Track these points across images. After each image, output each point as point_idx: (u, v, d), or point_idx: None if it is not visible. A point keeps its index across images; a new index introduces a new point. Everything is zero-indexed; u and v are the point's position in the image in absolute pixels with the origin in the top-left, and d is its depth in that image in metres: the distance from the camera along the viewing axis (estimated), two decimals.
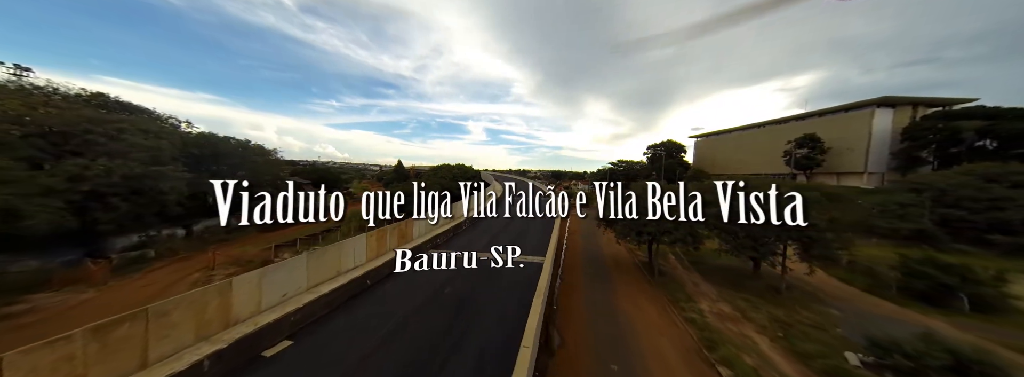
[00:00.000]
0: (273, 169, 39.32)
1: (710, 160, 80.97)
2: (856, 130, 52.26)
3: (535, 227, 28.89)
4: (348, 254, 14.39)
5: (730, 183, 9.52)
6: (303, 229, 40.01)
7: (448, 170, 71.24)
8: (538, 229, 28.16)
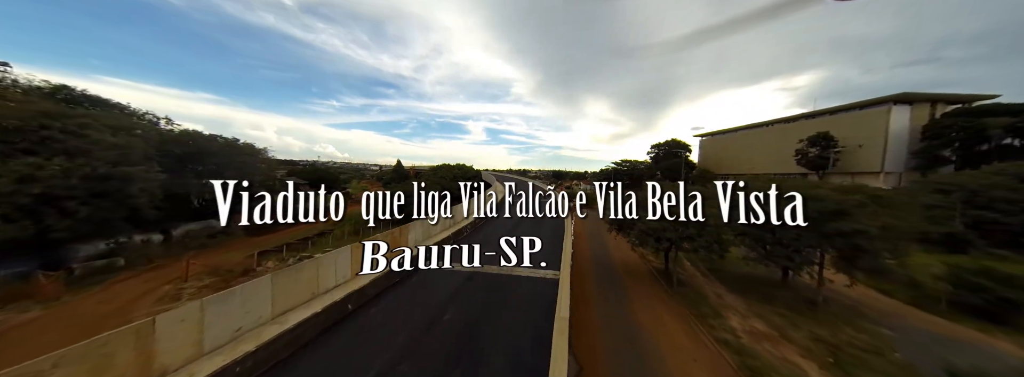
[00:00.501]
0: (264, 169, 37.09)
1: (716, 160, 78.77)
2: (872, 128, 50.05)
3: (544, 231, 26.67)
4: (328, 271, 12.17)
5: (755, 185, 7.61)
6: (293, 232, 37.80)
7: (448, 170, 69.06)
8: (548, 233, 25.96)
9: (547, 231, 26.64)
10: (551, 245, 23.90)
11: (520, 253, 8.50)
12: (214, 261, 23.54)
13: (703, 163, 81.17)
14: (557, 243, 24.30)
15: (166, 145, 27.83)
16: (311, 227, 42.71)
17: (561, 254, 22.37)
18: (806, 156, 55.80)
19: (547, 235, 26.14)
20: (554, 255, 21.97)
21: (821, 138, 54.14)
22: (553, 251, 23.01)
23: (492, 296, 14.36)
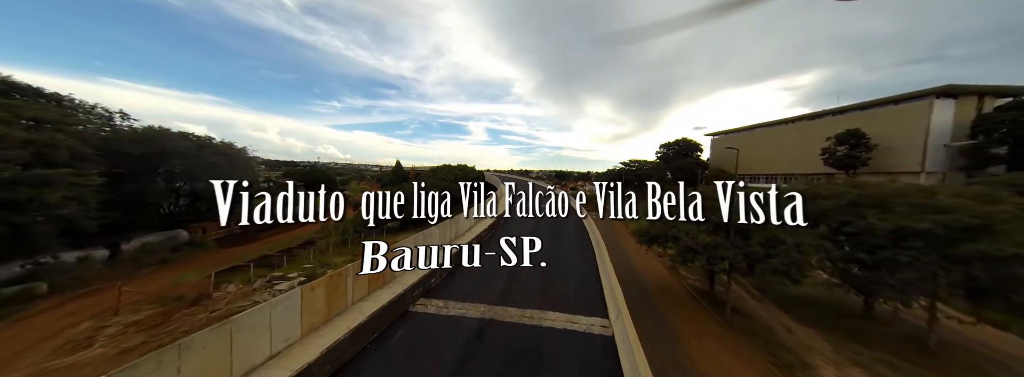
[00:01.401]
0: (243, 171, 32.78)
1: (731, 159, 74.17)
2: (910, 124, 45.49)
3: (568, 250, 22.02)
4: (259, 337, 7.78)
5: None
6: (274, 242, 33.43)
7: (449, 171, 64.70)
8: (573, 253, 21.40)
9: (572, 248, 22.06)
10: (583, 269, 19.31)
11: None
12: (162, 284, 19.20)
13: (715, 163, 76.59)
14: (587, 264, 19.81)
15: (119, 144, 23.50)
16: (296, 234, 38.34)
17: (601, 284, 18.13)
18: (834, 155, 51.21)
19: (572, 253, 21.21)
20: (590, 288, 17.66)
21: (851, 135, 49.55)
22: (586, 280, 18.62)
23: (512, 366, 9.90)
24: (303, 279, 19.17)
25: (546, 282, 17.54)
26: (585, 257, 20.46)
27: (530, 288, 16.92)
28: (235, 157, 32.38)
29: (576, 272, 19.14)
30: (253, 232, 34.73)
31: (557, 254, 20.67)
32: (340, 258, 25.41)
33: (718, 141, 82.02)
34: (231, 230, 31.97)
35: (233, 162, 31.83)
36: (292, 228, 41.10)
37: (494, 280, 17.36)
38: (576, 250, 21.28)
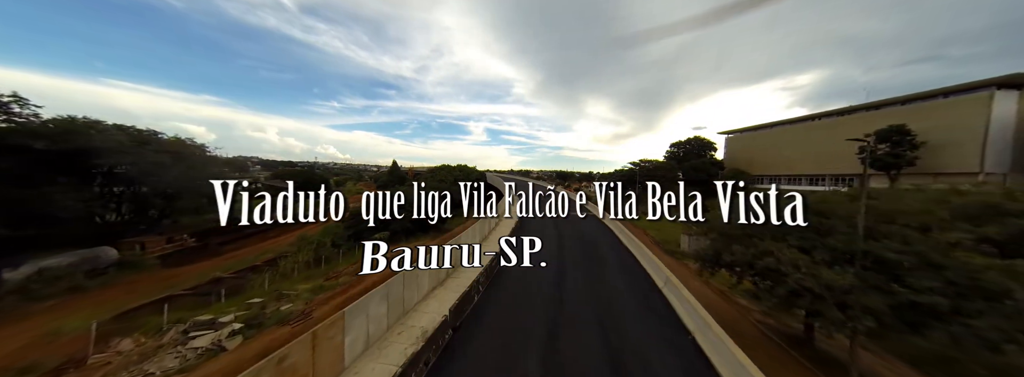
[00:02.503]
0: (199, 171, 26.74)
1: (747, 159, 68.45)
2: (966, 119, 39.75)
3: (613, 282, 15.83)
4: None
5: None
6: (241, 256, 27.40)
7: (448, 171, 58.72)
8: (618, 286, 15.28)
9: (618, 278, 15.74)
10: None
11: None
12: (35, 334, 13.15)
13: (731, 163, 70.79)
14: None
15: (14, 138, 17.49)
16: (271, 245, 32.30)
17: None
18: (873, 154, 45.39)
19: (617, 286, 15.03)
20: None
21: (894, 132, 43.78)
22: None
23: None
24: (236, 329, 13.20)
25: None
26: (640, 294, 14.46)
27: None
28: (189, 156, 26.33)
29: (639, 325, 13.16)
30: (215, 245, 28.72)
31: (599, 290, 14.60)
32: (306, 284, 19.43)
33: (733, 140, 76.24)
34: (183, 243, 26.01)
35: (186, 161, 25.78)
36: (268, 237, 35.08)
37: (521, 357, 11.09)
38: (625, 283, 15.19)
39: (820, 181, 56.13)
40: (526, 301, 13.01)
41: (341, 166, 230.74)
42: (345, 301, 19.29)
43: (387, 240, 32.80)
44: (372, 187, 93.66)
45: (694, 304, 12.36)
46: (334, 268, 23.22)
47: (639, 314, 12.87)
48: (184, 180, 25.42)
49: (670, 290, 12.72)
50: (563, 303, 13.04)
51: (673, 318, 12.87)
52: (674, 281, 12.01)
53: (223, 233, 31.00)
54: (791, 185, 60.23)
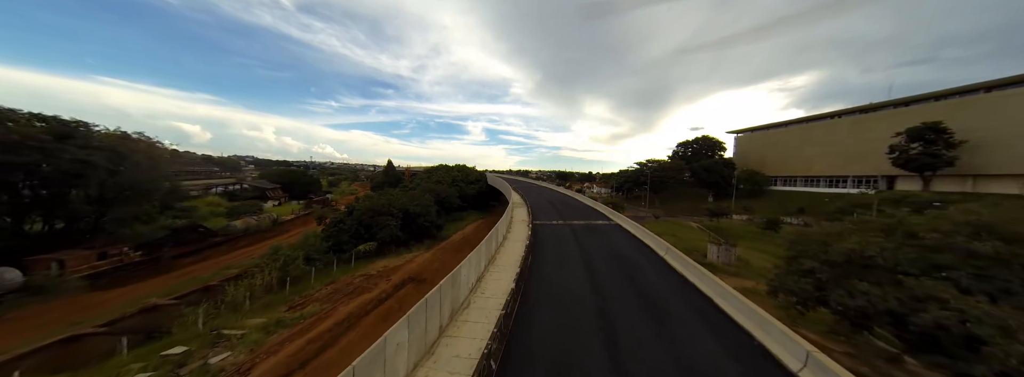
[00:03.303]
0: (145, 172, 21.89)
1: (760, 159, 64.25)
2: (1011, 115, 35.62)
3: (698, 353, 9.57)
4: None
5: None
6: (197, 272, 22.61)
7: (445, 172, 54.01)
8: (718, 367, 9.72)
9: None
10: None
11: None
12: None
13: (742, 163, 66.48)
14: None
15: None
16: (240, 256, 27.50)
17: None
18: (906, 153, 41.29)
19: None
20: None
21: (929, 129, 39.66)
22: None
23: None
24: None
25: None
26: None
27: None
28: (132, 153, 21.47)
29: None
30: (168, 258, 23.88)
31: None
32: (260, 318, 14.74)
33: (743, 139, 72.07)
34: (123, 259, 21.15)
35: (125, 160, 20.93)
36: (239, 246, 30.25)
37: None
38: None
39: (841, 183, 52.05)
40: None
41: (338, 166, 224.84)
42: (305, 344, 14.53)
43: (374, 251, 28.13)
44: (367, 187, 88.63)
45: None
46: (304, 291, 18.54)
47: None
48: (127, 182, 20.58)
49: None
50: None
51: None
52: (820, 357, 6.60)
53: (183, 243, 26.22)
54: (809, 187, 56.15)
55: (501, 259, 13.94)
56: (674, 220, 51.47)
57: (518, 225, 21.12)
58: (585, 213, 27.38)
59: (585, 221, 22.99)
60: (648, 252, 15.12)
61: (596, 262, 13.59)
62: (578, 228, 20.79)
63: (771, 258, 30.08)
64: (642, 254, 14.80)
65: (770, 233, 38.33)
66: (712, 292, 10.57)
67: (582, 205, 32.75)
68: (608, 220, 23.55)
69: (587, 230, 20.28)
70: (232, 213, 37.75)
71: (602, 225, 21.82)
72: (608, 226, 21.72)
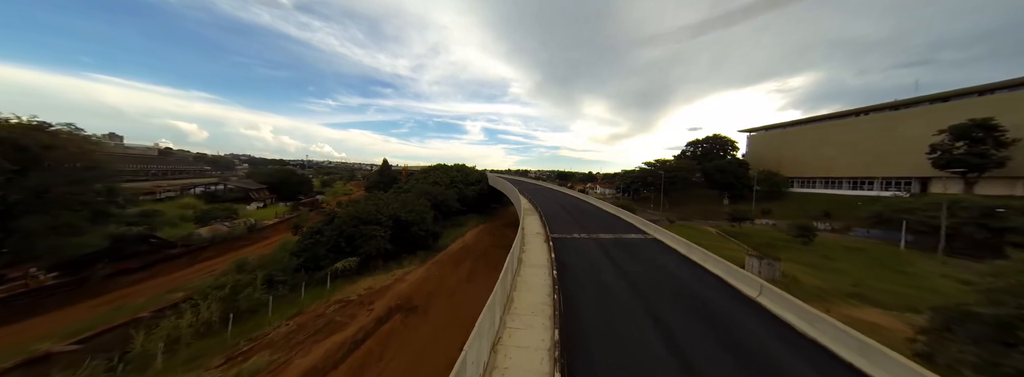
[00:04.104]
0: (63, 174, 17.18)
1: (775, 159, 60.01)
2: None
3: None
4: None
5: None
6: (111, 306, 17.87)
7: (444, 172, 49.37)
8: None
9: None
10: None
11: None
12: None
13: (755, 163, 62.26)
14: None
15: None
16: (183, 278, 22.77)
17: None
18: (949, 153, 37.11)
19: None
20: None
21: (977, 126, 35.48)
22: None
23: None
24: None
25: None
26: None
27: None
28: (47, 149, 16.71)
29: None
30: (101, 278, 19.19)
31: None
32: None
33: (757, 138, 67.81)
34: (27, 284, 16.38)
35: (36, 158, 16.20)
36: (200, 259, 25.54)
37: None
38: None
39: (866, 185, 47.89)
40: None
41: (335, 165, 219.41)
42: None
43: (356, 268, 23.41)
44: (363, 187, 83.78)
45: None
46: (256, 330, 13.93)
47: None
48: (37, 185, 15.86)
49: None
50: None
51: None
52: None
53: (127, 257, 21.52)
54: (829, 189, 51.99)
55: (521, 301, 9.43)
56: (688, 224, 47.12)
57: (533, 241, 16.58)
58: (607, 222, 22.88)
59: (613, 234, 18.48)
60: (722, 286, 10.66)
61: (658, 306, 9.12)
62: (607, 244, 16.30)
63: (818, 274, 25.69)
64: (717, 290, 10.34)
65: (801, 241, 34.05)
66: (879, 368, 6.08)
67: (599, 211, 28.21)
68: (641, 232, 19.07)
69: (620, 247, 15.78)
70: (203, 218, 33.01)
71: (636, 240, 17.33)
72: (643, 241, 17.24)
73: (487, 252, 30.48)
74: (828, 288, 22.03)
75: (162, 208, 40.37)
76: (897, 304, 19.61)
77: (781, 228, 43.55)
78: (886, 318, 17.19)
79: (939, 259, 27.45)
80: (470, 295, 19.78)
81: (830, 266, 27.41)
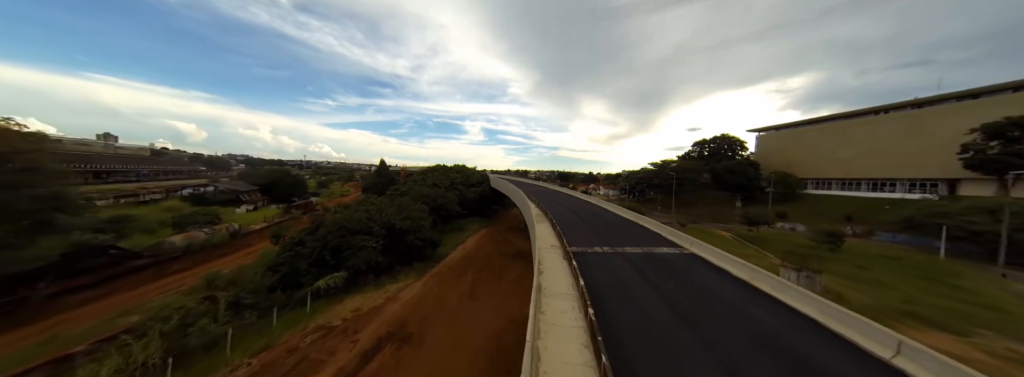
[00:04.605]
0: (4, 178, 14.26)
1: (786, 159, 57.30)
2: None
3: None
4: None
5: None
6: (40, 338, 14.97)
7: (443, 173, 46.45)
8: None
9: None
10: None
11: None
12: None
13: (765, 164, 59.51)
14: None
15: None
16: (143, 297, 19.74)
17: None
18: (982, 153, 34.42)
19: None
20: None
21: (1013, 125, 32.81)
22: None
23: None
24: None
25: None
26: None
27: None
28: None
29: None
30: (43, 298, 16.27)
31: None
32: None
33: (767, 138, 65.04)
34: None
35: None
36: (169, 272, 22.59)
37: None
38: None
39: (887, 186, 45.17)
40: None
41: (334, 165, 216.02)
42: None
43: (340, 284, 19.90)
44: (359, 187, 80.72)
45: None
46: (211, 372, 11.04)
47: None
48: None
49: None
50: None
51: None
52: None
53: (80, 272, 18.60)
54: (846, 191, 49.30)
55: (550, 357, 6.60)
56: (699, 227, 44.39)
57: (549, 258, 13.70)
58: (628, 230, 20.03)
59: (640, 247, 15.63)
60: (825, 334, 7.78)
61: (743, 367, 6.32)
62: (639, 262, 13.48)
63: (858, 287, 22.83)
64: (820, 343, 7.44)
65: (828, 248, 31.29)
66: None
67: (614, 216, 25.30)
68: (673, 245, 16.20)
69: (657, 267, 12.94)
70: (181, 223, 30.04)
71: (672, 257, 14.48)
72: (680, 257, 14.40)
73: (490, 260, 27.63)
74: (877, 305, 19.18)
75: (143, 212, 37.41)
76: (962, 326, 16.83)
77: (800, 232, 40.89)
78: (956, 344, 14.38)
79: (998, 271, 24.62)
80: (473, 316, 16.91)
81: (868, 277, 24.58)
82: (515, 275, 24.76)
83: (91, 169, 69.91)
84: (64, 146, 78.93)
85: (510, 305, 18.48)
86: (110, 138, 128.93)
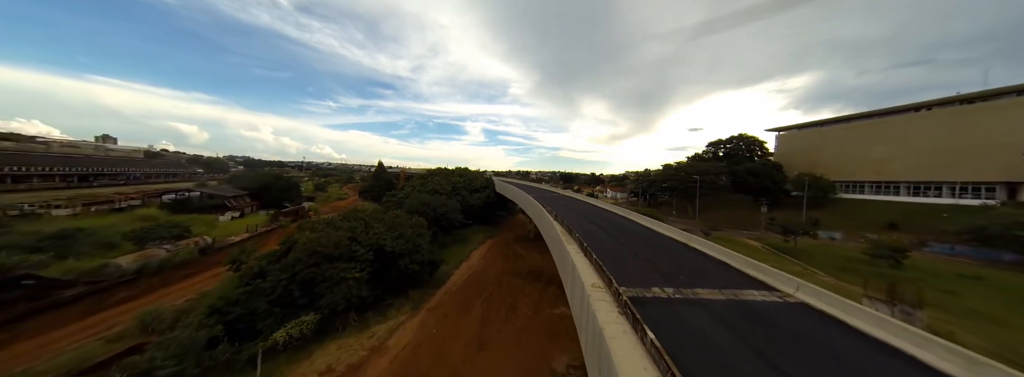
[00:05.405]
0: None
1: (809, 160, 52.81)
2: None
3: None
4: None
5: None
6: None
7: (445, 177, 42.03)
8: None
9: None
10: None
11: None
12: None
13: (786, 165, 55.02)
14: None
15: None
16: (28, 352, 15.14)
17: None
18: None
19: None
20: None
21: None
22: None
23: None
24: None
25: None
26: None
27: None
28: None
29: None
30: None
31: None
32: None
33: (787, 138, 60.53)
34: None
35: None
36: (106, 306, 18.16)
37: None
38: None
39: (931, 190, 40.66)
40: None
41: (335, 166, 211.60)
42: None
43: (313, 329, 11.41)
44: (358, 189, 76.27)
45: None
46: None
47: None
48: None
49: None
50: None
51: None
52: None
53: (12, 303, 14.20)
54: (881, 195, 44.80)
55: None
56: (722, 234, 39.94)
57: (603, 313, 9.17)
58: (678, 254, 15.36)
59: (718, 289, 10.98)
60: None
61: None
62: (730, 319, 8.96)
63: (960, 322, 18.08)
64: None
65: (888, 264, 26.80)
66: None
67: (648, 231, 20.51)
68: (763, 286, 11.55)
69: (763, 331, 8.39)
70: (141, 238, 25.62)
71: (774, 307, 9.90)
72: (786, 308, 9.88)
73: (500, 284, 23.18)
74: (1000, 352, 14.62)
75: (110, 222, 33.10)
76: None
77: (841, 242, 36.36)
78: None
79: None
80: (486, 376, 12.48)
81: (960, 306, 19.96)
82: (531, 303, 20.28)
83: (77, 172, 65.70)
84: (48, 148, 74.64)
85: (530, 352, 14.02)
86: (108, 140, 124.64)
